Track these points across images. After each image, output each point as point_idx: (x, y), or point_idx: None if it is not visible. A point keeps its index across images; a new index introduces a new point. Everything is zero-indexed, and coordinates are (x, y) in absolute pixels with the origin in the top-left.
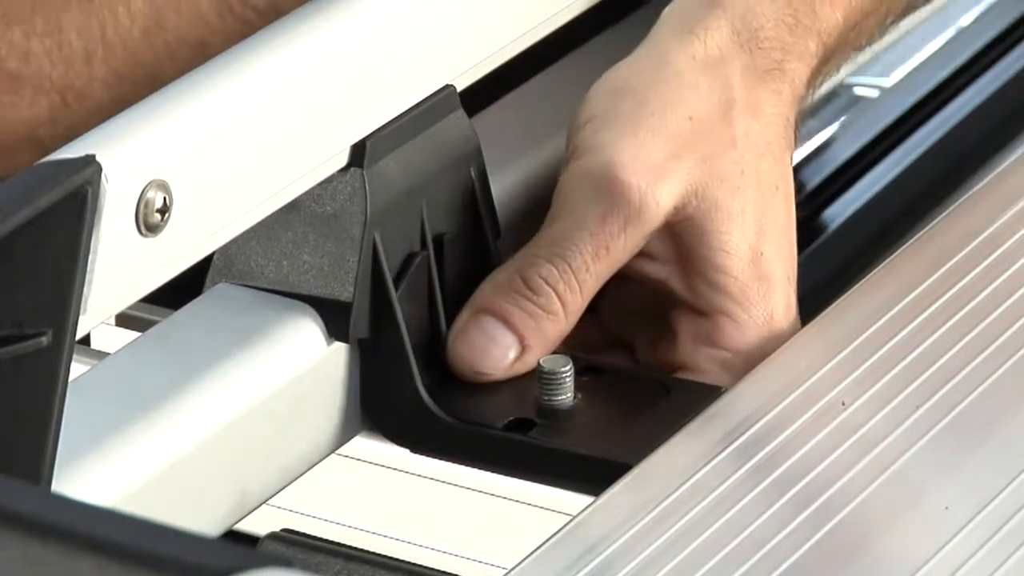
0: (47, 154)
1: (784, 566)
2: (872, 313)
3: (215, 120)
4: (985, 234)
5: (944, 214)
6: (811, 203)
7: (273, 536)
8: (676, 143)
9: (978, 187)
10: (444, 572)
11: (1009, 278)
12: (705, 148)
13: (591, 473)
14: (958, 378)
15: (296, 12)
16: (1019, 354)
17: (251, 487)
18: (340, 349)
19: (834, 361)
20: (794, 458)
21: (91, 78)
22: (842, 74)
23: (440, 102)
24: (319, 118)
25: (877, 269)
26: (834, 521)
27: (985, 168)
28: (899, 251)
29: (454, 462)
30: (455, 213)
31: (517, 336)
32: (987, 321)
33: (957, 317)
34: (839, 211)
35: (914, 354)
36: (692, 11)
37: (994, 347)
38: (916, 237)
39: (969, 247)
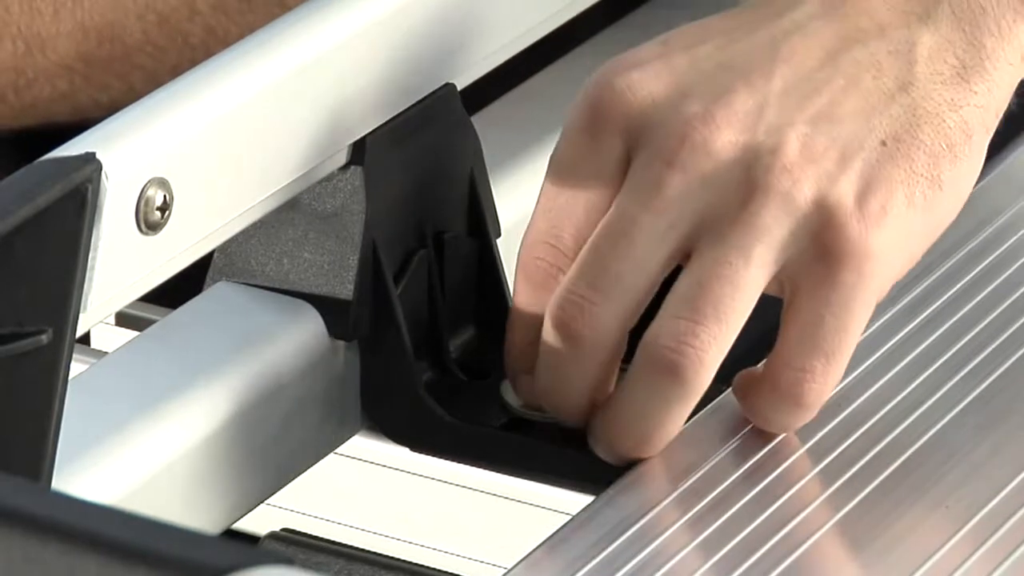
0: (7, 106)
1: (784, 566)
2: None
3: (215, 118)
4: (985, 233)
5: None
6: None
7: (273, 536)
8: None
9: (978, 187)
10: (444, 572)
11: (1009, 277)
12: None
13: (591, 473)
14: (958, 377)
15: (297, 10)
16: (1019, 353)
17: (251, 485)
18: (340, 347)
19: None
20: (794, 458)
21: (57, 31)
22: None
23: (440, 100)
24: (319, 116)
25: None
26: (834, 521)
27: (985, 168)
28: None
29: (454, 461)
30: (455, 211)
31: None
32: (987, 320)
33: (957, 316)
34: None
35: (914, 354)
36: None
37: (994, 346)
38: None
39: (969, 246)
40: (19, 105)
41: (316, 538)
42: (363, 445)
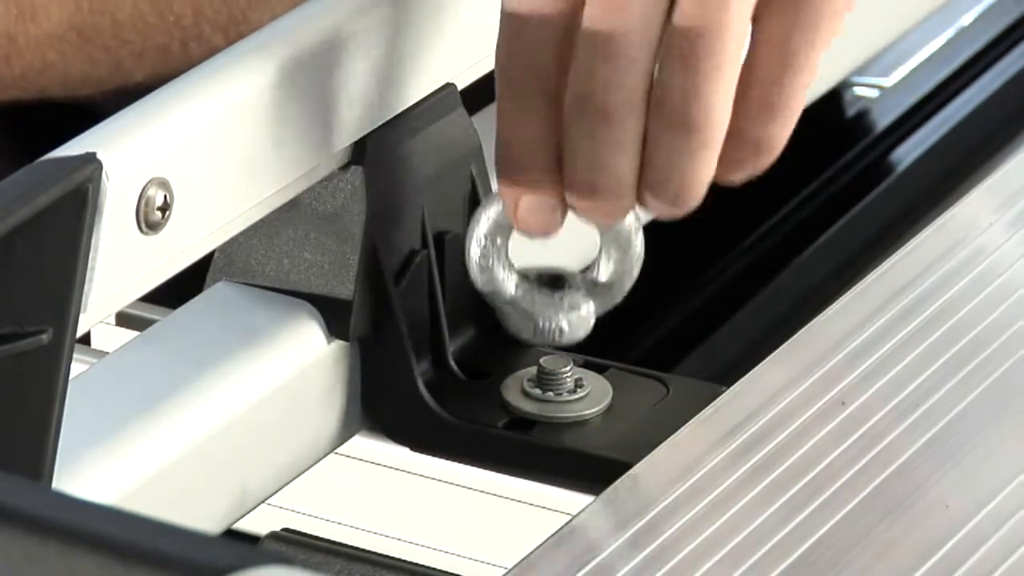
0: None
1: (784, 565)
2: (872, 313)
3: (216, 118)
4: (984, 235)
5: (943, 214)
6: (811, 202)
7: (273, 536)
8: None
9: (977, 188)
10: (444, 572)
11: (1008, 278)
12: None
13: (591, 473)
14: (958, 377)
15: (297, 9)
16: (1019, 353)
17: (251, 485)
18: (340, 347)
19: (834, 361)
20: (794, 458)
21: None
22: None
23: (441, 100)
24: (319, 116)
25: (877, 269)
26: (834, 521)
27: (985, 168)
28: (899, 251)
29: (454, 461)
30: (456, 212)
31: None
32: (986, 321)
33: (956, 317)
34: (839, 210)
35: (914, 354)
36: None
37: (993, 347)
38: (916, 237)
39: (968, 247)
40: (9, 75)
41: (316, 538)
42: (363, 445)
